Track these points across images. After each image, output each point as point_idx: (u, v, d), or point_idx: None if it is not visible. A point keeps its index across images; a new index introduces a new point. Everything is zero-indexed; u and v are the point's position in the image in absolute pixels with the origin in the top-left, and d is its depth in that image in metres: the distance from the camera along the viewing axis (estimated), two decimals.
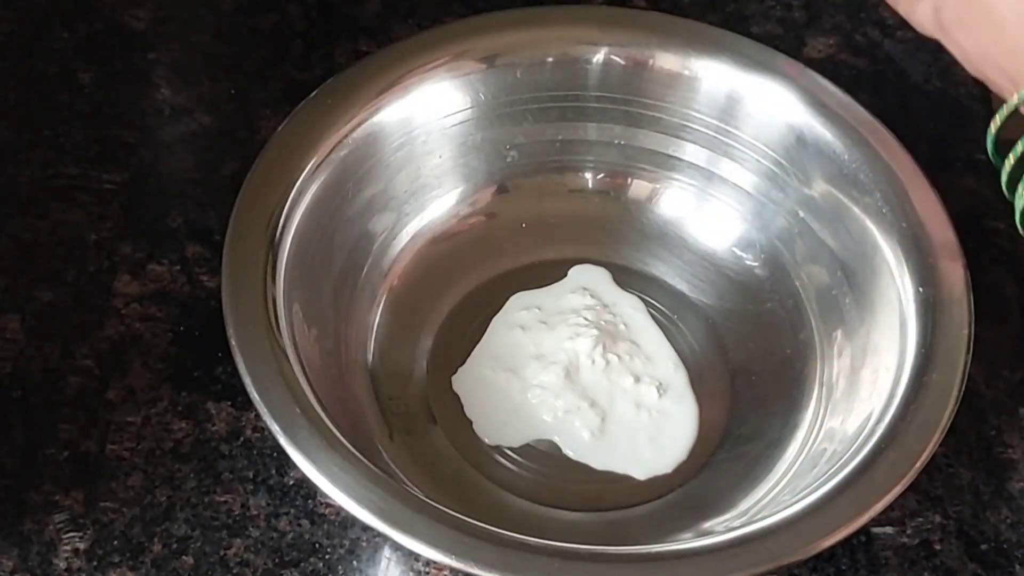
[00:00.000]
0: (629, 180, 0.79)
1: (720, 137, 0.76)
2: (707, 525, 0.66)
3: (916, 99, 0.88)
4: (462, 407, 0.72)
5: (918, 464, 0.61)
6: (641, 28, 0.78)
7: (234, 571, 0.66)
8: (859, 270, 0.71)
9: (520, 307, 0.75)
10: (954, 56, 0.61)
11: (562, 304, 0.75)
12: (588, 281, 0.76)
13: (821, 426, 0.68)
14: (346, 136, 0.72)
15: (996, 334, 0.76)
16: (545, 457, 0.70)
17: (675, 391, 0.72)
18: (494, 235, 0.78)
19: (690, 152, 0.77)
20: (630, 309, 0.75)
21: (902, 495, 0.61)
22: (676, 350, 0.74)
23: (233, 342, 0.63)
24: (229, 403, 0.71)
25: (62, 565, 0.65)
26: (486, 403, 0.71)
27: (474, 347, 0.73)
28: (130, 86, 0.86)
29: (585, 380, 0.72)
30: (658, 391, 0.72)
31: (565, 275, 0.77)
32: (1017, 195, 0.59)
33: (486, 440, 0.70)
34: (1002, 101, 0.59)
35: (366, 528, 0.63)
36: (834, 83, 0.75)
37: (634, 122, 0.78)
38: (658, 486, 0.70)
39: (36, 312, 0.74)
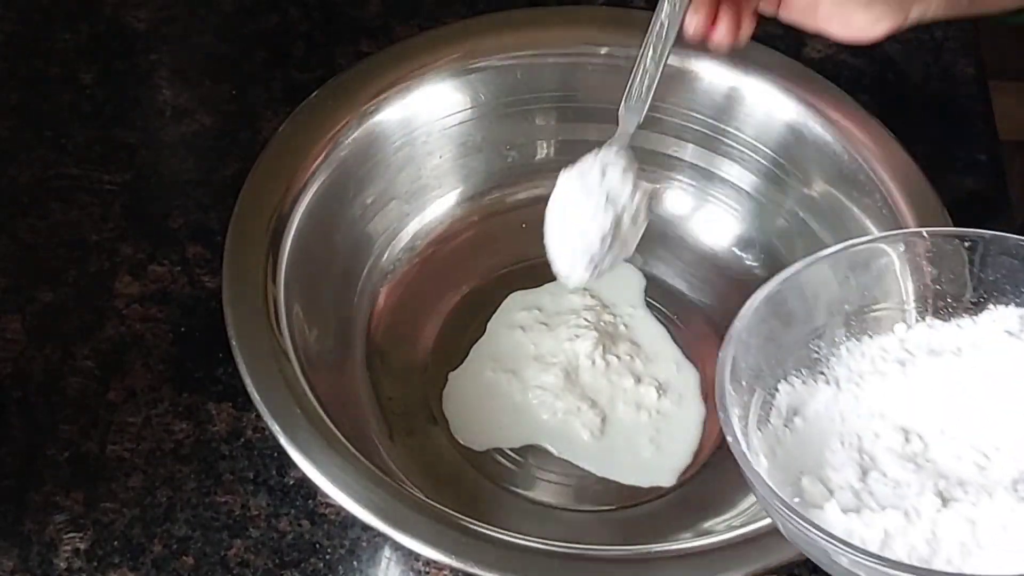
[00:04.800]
0: None
1: (720, 137, 0.76)
2: (707, 525, 0.66)
3: (916, 99, 0.88)
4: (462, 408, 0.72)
5: None
6: (641, 28, 0.78)
7: (234, 571, 0.66)
8: None
9: (519, 307, 0.75)
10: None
11: (562, 304, 0.75)
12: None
13: None
14: (346, 136, 0.72)
15: None
16: (545, 457, 0.70)
17: (676, 392, 0.72)
18: (494, 235, 0.78)
19: (690, 152, 0.77)
20: (631, 309, 0.75)
21: None
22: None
23: (234, 343, 0.64)
24: (230, 403, 0.71)
25: (62, 565, 0.65)
26: (484, 404, 0.71)
27: (473, 347, 0.74)
28: (131, 87, 0.86)
29: (585, 381, 0.72)
30: (658, 392, 0.72)
31: None
32: None
33: (462, 442, 0.70)
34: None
35: (366, 528, 0.63)
36: (834, 83, 0.75)
37: None
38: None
39: (37, 313, 0.74)
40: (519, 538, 0.59)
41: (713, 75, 0.75)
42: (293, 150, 0.71)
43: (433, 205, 0.77)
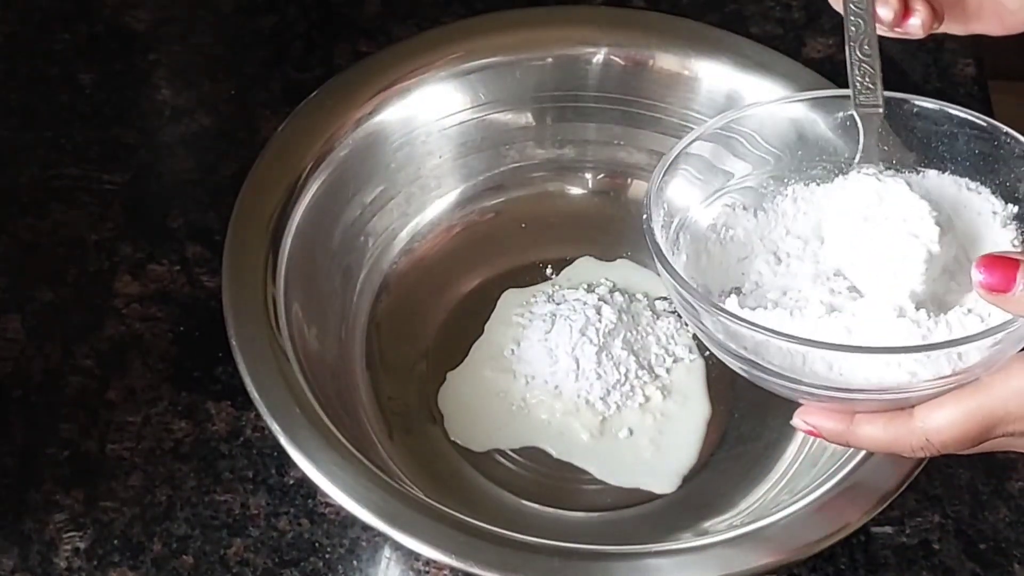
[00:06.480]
0: (629, 180, 0.79)
1: None
2: (707, 525, 0.66)
3: None
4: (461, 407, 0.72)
5: (917, 464, 0.61)
6: (641, 28, 0.78)
7: (234, 570, 0.66)
8: None
9: (518, 306, 0.75)
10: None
11: (561, 303, 0.74)
12: (590, 277, 0.76)
13: None
14: (346, 136, 0.72)
15: None
16: (545, 457, 0.70)
17: (680, 393, 0.72)
18: (494, 235, 0.78)
19: None
20: (636, 307, 0.75)
21: (901, 495, 0.61)
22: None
23: (233, 342, 0.64)
24: (229, 403, 0.71)
25: (62, 564, 0.65)
26: (482, 404, 0.71)
27: (473, 346, 0.74)
28: (131, 87, 0.86)
29: (586, 381, 0.71)
30: (661, 393, 0.72)
31: (561, 273, 0.77)
32: None
33: (459, 443, 0.70)
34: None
35: (366, 528, 0.63)
36: (834, 83, 0.75)
37: (634, 122, 0.78)
38: None
39: (37, 312, 0.74)
40: (519, 538, 0.59)
41: (713, 75, 0.75)
42: (293, 150, 0.71)
43: (433, 205, 0.77)
